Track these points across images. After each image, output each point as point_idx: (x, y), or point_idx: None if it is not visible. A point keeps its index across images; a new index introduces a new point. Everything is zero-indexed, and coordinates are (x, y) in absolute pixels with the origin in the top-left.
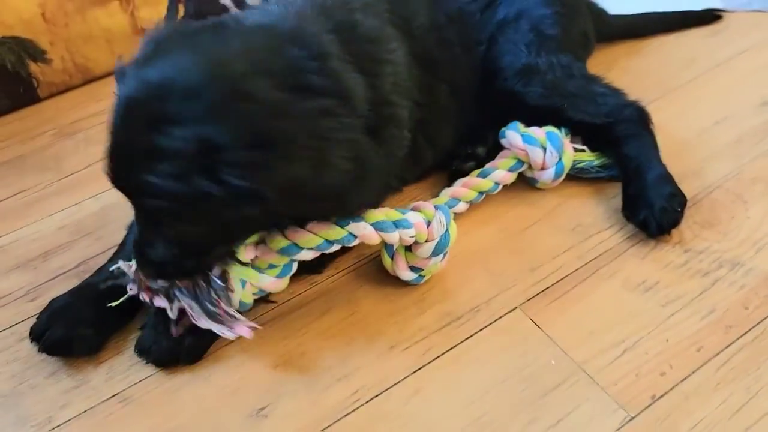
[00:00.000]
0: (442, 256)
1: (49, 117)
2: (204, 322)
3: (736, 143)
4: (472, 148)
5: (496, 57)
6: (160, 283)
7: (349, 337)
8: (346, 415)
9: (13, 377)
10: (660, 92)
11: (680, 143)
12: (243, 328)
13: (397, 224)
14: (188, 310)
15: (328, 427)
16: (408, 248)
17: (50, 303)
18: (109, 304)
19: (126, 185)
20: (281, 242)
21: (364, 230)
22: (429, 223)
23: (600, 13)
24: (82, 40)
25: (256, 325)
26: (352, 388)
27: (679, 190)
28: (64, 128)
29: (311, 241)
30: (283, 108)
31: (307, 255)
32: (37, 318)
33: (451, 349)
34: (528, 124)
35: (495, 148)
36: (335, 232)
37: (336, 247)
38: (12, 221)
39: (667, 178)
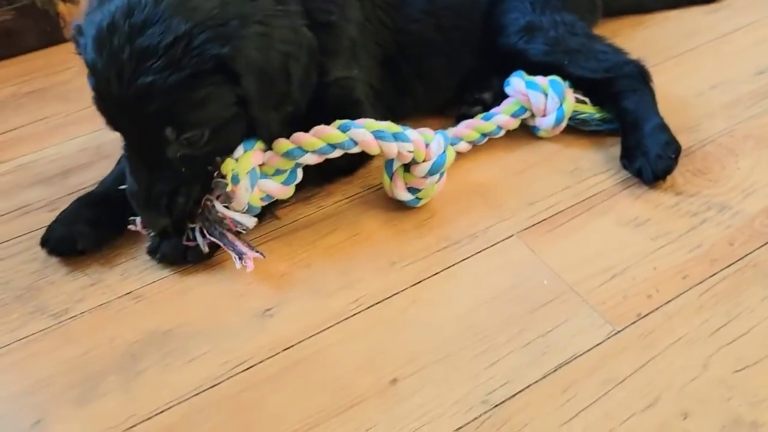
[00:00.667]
0: (438, 176)
1: (72, 56)
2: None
3: (730, 105)
4: (479, 94)
5: (500, 14)
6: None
7: (352, 253)
8: (347, 318)
9: (33, 274)
10: (661, 58)
11: (678, 102)
12: (248, 262)
13: (396, 136)
14: (197, 234)
15: (329, 327)
16: (406, 169)
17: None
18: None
19: (124, 107)
20: (286, 145)
21: (364, 137)
22: (427, 144)
23: None
24: None
25: (261, 255)
26: (354, 296)
27: (674, 138)
28: None
29: (314, 144)
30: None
31: (310, 158)
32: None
33: (448, 267)
34: None
35: (502, 96)
36: (337, 136)
37: (337, 153)
38: (33, 143)
39: (663, 128)
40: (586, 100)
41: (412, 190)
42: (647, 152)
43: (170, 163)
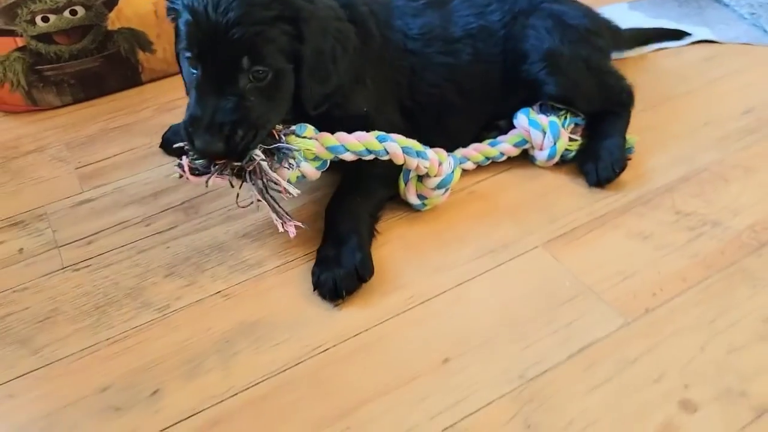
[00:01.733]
0: (444, 190)
1: (149, 97)
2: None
3: (721, 139)
4: (495, 121)
5: (520, 41)
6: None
7: (403, 259)
8: (404, 312)
9: (136, 276)
10: (660, 100)
11: (676, 137)
12: (290, 227)
13: (418, 153)
14: (253, 191)
15: (389, 318)
16: (420, 180)
17: None
18: None
19: (215, 34)
20: (332, 141)
21: (395, 150)
22: (441, 163)
23: (617, 29)
24: None
25: (301, 224)
26: (408, 294)
27: (624, 158)
28: (163, 105)
29: (355, 146)
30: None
31: (348, 156)
32: None
33: (485, 272)
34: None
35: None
36: (375, 144)
37: (371, 157)
38: (126, 169)
39: (619, 147)
40: (578, 139)
41: (420, 197)
42: (598, 160)
43: (240, 93)
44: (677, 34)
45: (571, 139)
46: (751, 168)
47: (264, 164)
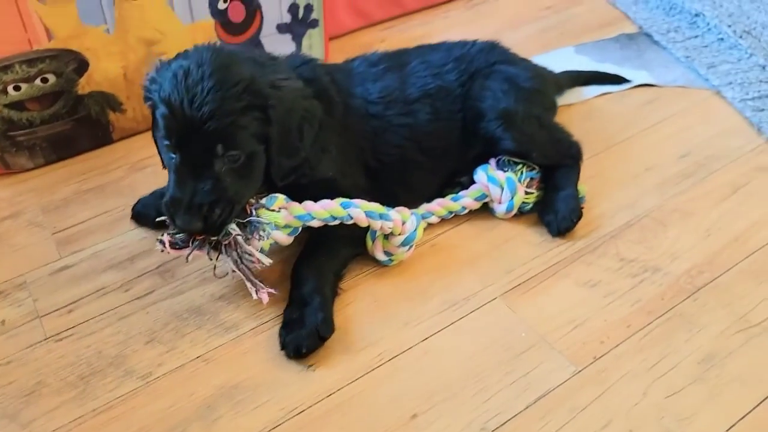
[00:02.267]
0: (408, 247)
1: (120, 155)
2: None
3: (660, 184)
4: (459, 178)
5: (477, 99)
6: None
7: (372, 317)
8: (374, 369)
9: (119, 344)
10: (604, 146)
11: (618, 184)
12: (263, 294)
13: (381, 216)
14: (229, 262)
15: (361, 376)
16: (386, 237)
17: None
18: None
19: (190, 125)
20: (299, 210)
21: (358, 215)
22: (404, 222)
23: (556, 77)
24: None
25: (274, 291)
26: (377, 351)
27: (580, 209)
28: (135, 164)
29: (321, 214)
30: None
31: (315, 223)
32: None
33: (449, 325)
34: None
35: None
36: (339, 211)
37: (336, 222)
38: (103, 233)
39: (575, 198)
40: (533, 191)
41: (387, 253)
42: (556, 212)
43: (216, 176)
44: (616, 79)
45: (527, 192)
46: (688, 212)
47: (239, 238)
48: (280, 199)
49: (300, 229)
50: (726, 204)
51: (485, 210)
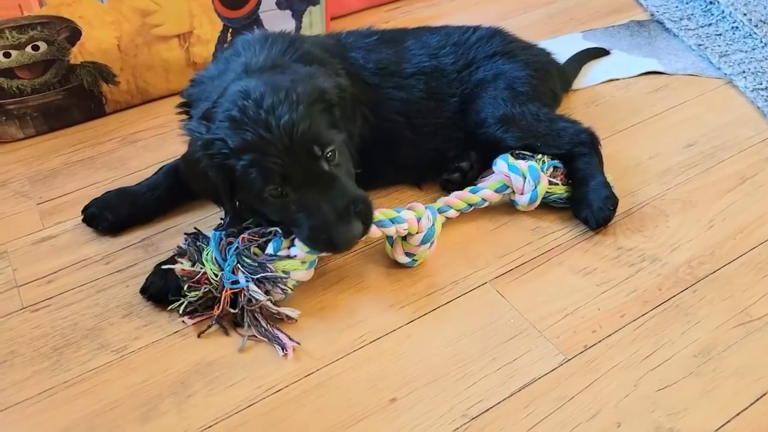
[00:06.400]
0: (429, 244)
1: (113, 128)
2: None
3: (663, 173)
4: (458, 162)
5: (479, 109)
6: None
7: (357, 297)
8: (355, 350)
9: (95, 317)
10: (610, 132)
11: (622, 170)
12: (290, 350)
13: (393, 220)
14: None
15: (341, 358)
16: (404, 238)
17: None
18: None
19: (291, 150)
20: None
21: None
22: (419, 219)
23: (563, 70)
24: (145, 68)
25: (298, 344)
26: (359, 332)
27: (613, 194)
28: (127, 137)
29: None
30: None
31: (326, 253)
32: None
33: (435, 309)
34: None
35: (478, 164)
36: None
37: None
38: None
39: (605, 185)
40: (558, 182)
41: (409, 254)
42: (591, 205)
43: (330, 176)
44: (601, 53)
45: (551, 183)
46: (690, 202)
47: (268, 303)
48: (285, 241)
49: (317, 260)
50: (732, 195)
51: None
